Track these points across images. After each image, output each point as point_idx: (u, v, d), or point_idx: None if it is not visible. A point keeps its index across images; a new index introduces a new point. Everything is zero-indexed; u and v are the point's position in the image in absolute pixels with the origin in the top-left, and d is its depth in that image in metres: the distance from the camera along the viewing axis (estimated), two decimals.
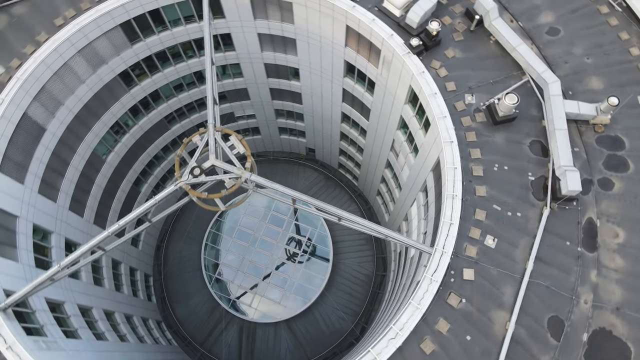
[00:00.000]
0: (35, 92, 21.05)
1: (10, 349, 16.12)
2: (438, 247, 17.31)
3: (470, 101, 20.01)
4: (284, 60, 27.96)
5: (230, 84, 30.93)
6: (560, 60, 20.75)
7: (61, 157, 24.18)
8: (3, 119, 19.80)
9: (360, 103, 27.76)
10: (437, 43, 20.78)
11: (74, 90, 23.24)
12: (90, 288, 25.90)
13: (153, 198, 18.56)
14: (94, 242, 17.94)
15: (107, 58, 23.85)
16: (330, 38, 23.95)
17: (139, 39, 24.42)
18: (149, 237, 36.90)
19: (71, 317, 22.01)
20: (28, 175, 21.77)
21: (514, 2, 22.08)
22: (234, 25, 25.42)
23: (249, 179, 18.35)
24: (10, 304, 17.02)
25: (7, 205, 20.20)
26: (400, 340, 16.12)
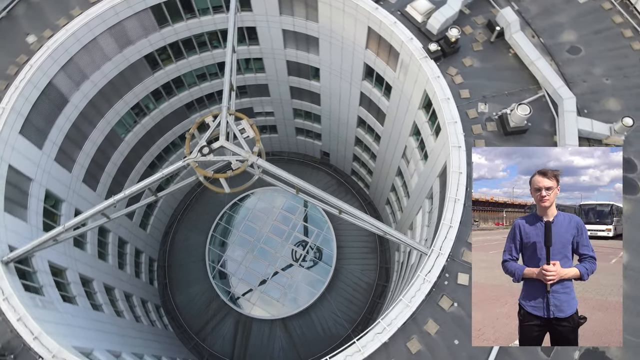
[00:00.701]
0: (63, 63, 21.92)
1: (7, 301, 16.61)
2: (435, 248, 17.26)
3: (482, 110, 20.04)
4: (305, 59, 28.48)
5: (252, 79, 31.58)
6: (578, 79, 20.66)
7: (81, 129, 24.99)
8: (29, 84, 20.65)
9: (376, 108, 27.99)
10: (455, 50, 20.95)
11: (100, 66, 24.11)
12: (94, 261, 26.44)
13: (160, 171, 18.86)
14: (100, 207, 18.41)
15: (135, 39, 24.71)
16: (351, 39, 24.35)
17: (168, 24, 25.26)
18: (158, 222, 37.50)
19: (71, 284, 22.49)
20: (47, 142, 22.55)
21: (537, 18, 22.15)
22: (260, 19, 26.08)
23: (256, 163, 18.66)
24: (12, 259, 17.56)
25: (24, 168, 20.93)
26: (387, 336, 16.05)
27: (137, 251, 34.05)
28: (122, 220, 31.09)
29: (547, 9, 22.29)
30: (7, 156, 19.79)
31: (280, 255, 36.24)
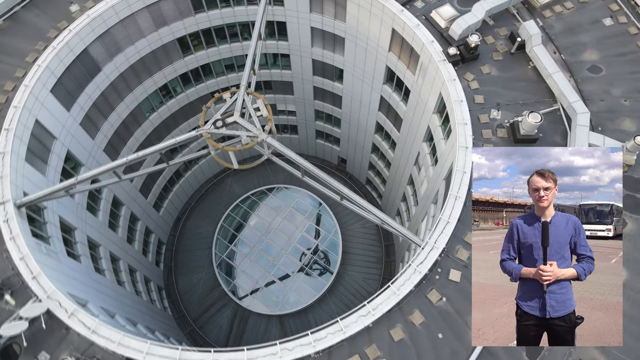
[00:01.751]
0: (99, 32, 23.21)
1: (13, 240, 17.39)
2: (430, 241, 17.30)
3: (495, 116, 20.19)
4: (331, 59, 29.23)
5: (277, 74, 32.50)
6: (596, 97, 20.61)
7: (108, 100, 26.20)
8: (66, 47, 21.95)
9: (394, 113, 28.37)
10: (474, 57, 21.27)
11: (135, 41, 25.39)
12: (104, 228, 27.29)
13: (174, 138, 19.58)
14: (112, 165, 19.23)
15: (170, 20, 25.98)
16: (376, 41, 24.97)
17: (202, 10, 26.49)
18: (172, 207, 38.40)
19: (78, 243, 23.28)
20: (75, 105, 23.76)
21: (561, 35, 22.31)
22: (290, 15, 27.04)
23: (265, 141, 19.22)
24: (25, 203, 18.43)
25: (50, 125, 22.06)
26: (371, 319, 16.07)
27: (148, 230, 34.89)
28: (136, 197, 32.09)
29: (571, 28, 22.44)
30: (36, 111, 20.94)
31: (286, 252, 36.46)
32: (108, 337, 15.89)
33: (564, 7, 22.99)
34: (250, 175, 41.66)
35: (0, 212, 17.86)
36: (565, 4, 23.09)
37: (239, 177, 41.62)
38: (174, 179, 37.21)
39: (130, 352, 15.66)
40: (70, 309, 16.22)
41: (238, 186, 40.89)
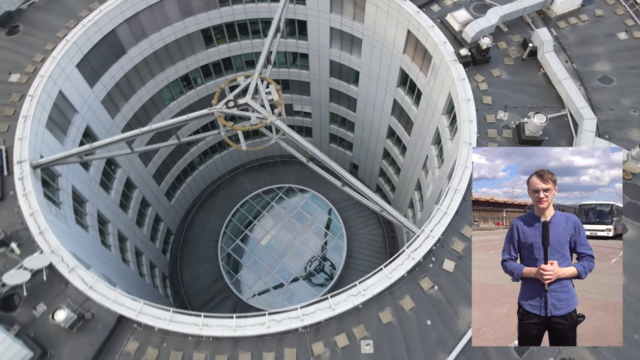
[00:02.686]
0: (128, 16, 24.38)
1: (25, 197, 18.19)
2: (426, 230, 17.46)
3: (501, 117, 20.40)
4: (347, 60, 29.93)
5: (295, 74, 33.33)
6: (605, 107, 20.67)
7: (131, 82, 27.29)
8: (95, 26, 23.13)
9: (406, 116, 28.76)
10: (486, 60, 21.64)
11: (160, 28, 26.53)
12: (114, 207, 28.09)
13: (186, 115, 20.30)
14: (126, 135, 20.06)
15: (196, 11, 27.12)
16: (391, 42, 25.58)
17: (227, 3, 27.60)
18: (183, 198, 39.19)
19: (88, 215, 24.07)
20: (98, 83, 24.85)
21: (574, 46, 22.54)
22: (311, 14, 27.94)
23: (274, 123, 19.80)
24: (40, 164, 19.30)
25: (73, 98, 23.13)
26: (360, 300, 16.19)
27: (158, 217, 35.64)
28: (149, 182, 32.94)
29: (585, 40, 22.67)
30: (60, 82, 22.02)
31: (290, 250, 36.71)
32: (104, 294, 16.38)
33: (579, 20, 23.27)
34: (262, 174, 42.36)
35: (16, 170, 18.75)
36: (580, 16, 23.38)
37: (252, 175, 42.34)
38: (188, 170, 38.05)
39: (123, 310, 16.11)
40: (72, 265, 16.81)
41: (250, 184, 41.56)
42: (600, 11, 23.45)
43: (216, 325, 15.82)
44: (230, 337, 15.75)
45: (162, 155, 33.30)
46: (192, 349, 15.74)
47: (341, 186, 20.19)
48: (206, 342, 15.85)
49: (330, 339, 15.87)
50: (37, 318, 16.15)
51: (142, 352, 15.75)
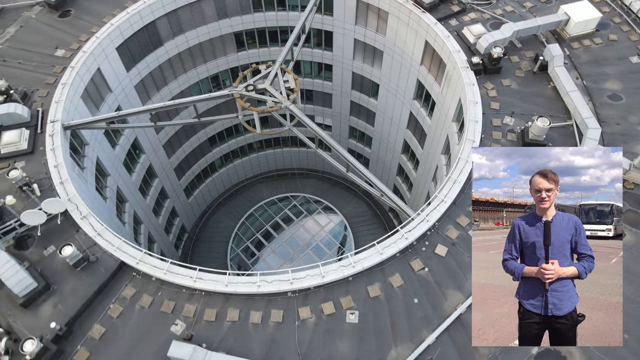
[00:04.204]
0: (168, 10, 26.61)
1: (53, 151, 19.73)
2: (421, 214, 17.93)
3: (507, 122, 21.03)
4: (369, 73, 31.33)
5: (319, 85, 34.91)
6: (612, 121, 21.05)
7: (164, 74, 29.31)
8: (137, 15, 25.35)
9: (420, 129, 29.61)
10: (497, 70, 22.53)
11: (196, 26, 28.70)
12: (134, 189, 29.53)
13: (208, 94, 21.75)
14: (151, 107, 21.62)
15: (231, 14, 29.25)
16: (410, 54, 26.86)
17: (260, 9, 29.69)
18: (201, 198, 40.51)
19: (108, 188, 25.46)
20: (134, 68, 26.90)
21: (586, 65, 23.22)
22: (337, 25, 29.68)
23: (288, 108, 21.00)
24: (71, 126, 20.94)
25: (109, 77, 25.13)
26: (350, 271, 16.62)
27: (174, 212, 36.91)
28: (170, 174, 34.47)
29: (597, 60, 23.34)
30: (100, 60, 24.05)
31: (298, 258, 37.12)
32: (110, 241, 17.38)
33: (593, 42, 24.04)
34: (280, 184, 43.49)
35: (49, 127, 20.44)
36: (594, 39, 24.16)
37: (269, 184, 43.53)
38: (208, 171, 39.54)
39: (125, 257, 17.02)
40: (84, 212, 17.98)
41: (267, 191, 42.68)
42: (615, 36, 24.20)
43: (209, 279, 16.49)
44: (222, 292, 16.35)
45: (185, 151, 34.93)
46: (185, 300, 16.38)
47: (346, 171, 20.93)
48: (198, 295, 16.48)
49: (317, 305, 16.25)
50: (46, 257, 17.21)
51: (137, 298, 16.48)
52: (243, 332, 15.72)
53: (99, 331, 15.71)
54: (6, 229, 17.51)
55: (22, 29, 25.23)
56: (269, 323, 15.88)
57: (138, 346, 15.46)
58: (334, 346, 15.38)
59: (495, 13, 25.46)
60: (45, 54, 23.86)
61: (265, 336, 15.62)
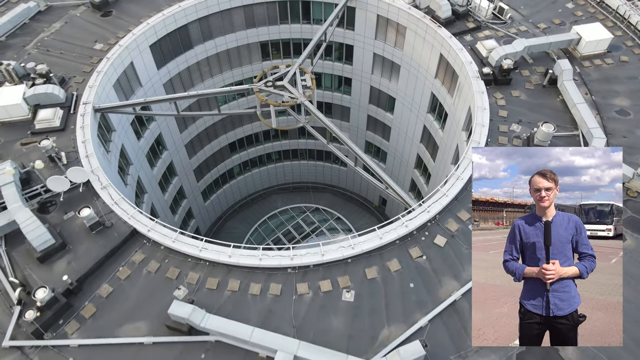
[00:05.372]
0: (200, 15, 28.58)
1: (82, 129, 21.24)
2: (423, 205, 18.48)
3: (514, 129, 21.64)
4: (386, 87, 32.50)
5: (338, 98, 36.23)
6: (619, 134, 21.43)
7: (191, 76, 31.09)
8: (171, 17, 27.33)
9: (433, 142, 30.34)
10: (507, 81, 23.33)
11: (225, 33, 30.58)
12: (154, 183, 30.88)
13: (229, 87, 23.14)
14: (174, 96, 23.15)
15: (258, 24, 31.11)
16: (425, 67, 27.97)
17: (286, 21, 31.47)
18: (217, 203, 41.67)
19: (129, 176, 26.83)
20: (164, 67, 28.72)
21: (596, 82, 23.81)
22: (358, 40, 31.17)
23: (304, 103, 22.16)
24: (101, 108, 22.53)
25: (140, 72, 26.92)
26: (349, 252, 17.17)
27: (190, 213, 38.07)
28: (189, 174, 35.85)
29: (607, 78, 23.93)
30: (134, 55, 25.92)
31: None
32: (125, 210, 18.46)
33: (604, 62, 24.71)
34: (295, 196, 44.41)
35: (81, 108, 22.06)
36: (605, 59, 24.84)
37: (285, 196, 44.50)
38: (226, 177, 40.84)
39: (138, 225, 18.02)
40: (105, 183, 19.20)
41: (282, 202, 43.61)
42: (626, 57, 24.84)
43: (214, 250, 17.28)
44: (225, 263, 17.08)
45: (205, 153, 36.38)
46: (189, 269, 17.15)
47: (354, 165, 21.72)
48: (202, 265, 17.25)
49: (315, 282, 16.78)
50: (65, 220, 18.36)
51: (145, 264, 17.34)
52: (242, 301, 16.32)
53: (107, 290, 16.55)
54: (32, 193, 18.82)
55: (66, 24, 27.48)
56: (267, 295, 16.45)
57: (141, 306, 16.20)
58: (328, 321, 15.79)
59: (509, 31, 26.49)
60: (85, 46, 25.89)
61: (263, 307, 16.16)
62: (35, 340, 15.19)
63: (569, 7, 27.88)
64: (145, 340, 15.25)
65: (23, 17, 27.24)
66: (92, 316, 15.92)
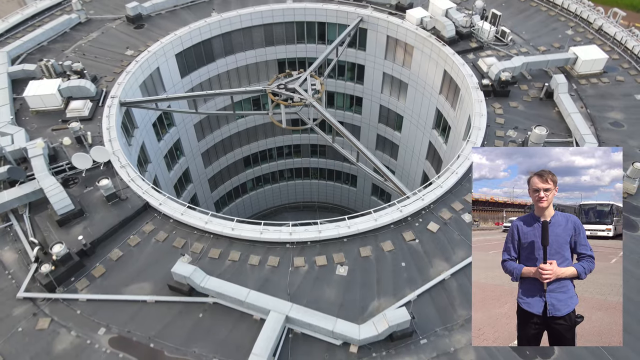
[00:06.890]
0: (224, 31, 31.08)
1: (108, 118, 23.17)
2: (418, 194, 19.49)
3: (510, 134, 22.76)
4: (394, 105, 34.15)
5: (349, 117, 37.96)
6: (612, 143, 22.31)
7: (212, 88, 33.31)
8: (197, 31, 29.85)
9: (438, 157, 31.50)
10: (505, 93, 24.69)
11: (245, 50, 32.98)
12: (170, 185, 32.48)
13: (243, 88, 25.02)
14: (193, 94, 25.13)
15: (277, 42, 33.49)
16: (431, 84, 29.61)
17: (303, 41, 33.82)
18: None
19: (147, 172, 28.54)
20: (187, 77, 31.03)
21: (592, 98, 24.96)
22: (369, 60, 33.19)
23: (312, 103, 23.82)
24: (127, 102, 24.58)
25: (165, 78, 29.24)
26: (345, 231, 18.15)
27: None
28: (204, 183, 37.45)
29: (602, 95, 25.08)
30: (161, 61, 28.28)
31: None
32: (140, 186, 19.94)
33: (600, 81, 25.96)
34: (304, 215, 45.46)
35: (108, 101, 24.11)
36: (602, 78, 26.10)
37: (295, 214, 45.64)
38: (239, 191, 42.33)
39: (150, 199, 19.41)
40: (124, 163, 20.81)
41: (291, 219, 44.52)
42: (622, 77, 26.06)
43: (218, 223, 18.46)
44: (228, 236, 18.21)
45: (220, 164, 38.12)
46: (195, 240, 18.30)
47: (356, 161, 22.94)
48: (207, 237, 18.39)
49: (311, 257, 17.72)
50: (85, 193, 19.88)
51: (154, 234, 18.58)
52: (241, 270, 17.30)
53: (117, 254, 17.76)
54: (58, 168, 20.52)
55: (102, 34, 30.23)
56: (265, 266, 17.41)
57: (147, 270, 17.30)
58: (322, 291, 16.60)
59: (510, 52, 28.12)
60: (117, 52, 28.39)
61: (260, 276, 17.10)
62: (48, 293, 16.32)
63: (568, 33, 29.52)
64: (148, 298, 16.25)
65: (64, 27, 30.09)
66: (101, 276, 17.05)
